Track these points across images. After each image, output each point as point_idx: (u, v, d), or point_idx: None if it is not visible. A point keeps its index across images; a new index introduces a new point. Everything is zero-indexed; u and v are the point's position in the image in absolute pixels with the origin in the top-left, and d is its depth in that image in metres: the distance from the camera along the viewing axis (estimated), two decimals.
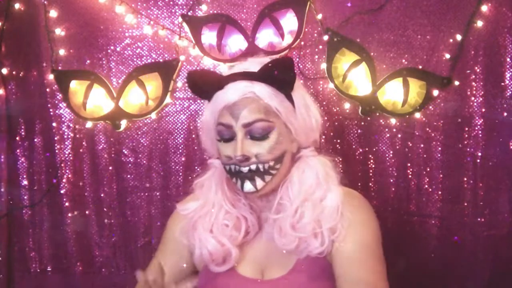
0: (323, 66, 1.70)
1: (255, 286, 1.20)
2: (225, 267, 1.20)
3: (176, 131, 1.78)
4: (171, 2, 1.74)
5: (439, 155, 1.72)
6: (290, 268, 1.19)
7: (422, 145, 1.72)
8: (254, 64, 1.19)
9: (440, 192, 1.72)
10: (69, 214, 1.81)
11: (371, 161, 1.74)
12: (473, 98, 1.69)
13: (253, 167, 1.14)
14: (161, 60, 1.75)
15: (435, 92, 1.67)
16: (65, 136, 1.80)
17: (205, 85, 1.19)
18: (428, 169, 1.72)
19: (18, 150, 1.82)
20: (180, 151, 1.78)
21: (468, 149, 1.71)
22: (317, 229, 1.15)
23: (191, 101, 1.76)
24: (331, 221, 1.15)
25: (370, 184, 1.73)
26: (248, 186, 1.15)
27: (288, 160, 1.19)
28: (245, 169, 1.14)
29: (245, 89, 1.14)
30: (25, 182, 1.83)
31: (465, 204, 1.71)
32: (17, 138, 1.82)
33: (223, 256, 1.19)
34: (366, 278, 1.11)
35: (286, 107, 1.16)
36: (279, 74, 1.14)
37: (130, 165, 1.80)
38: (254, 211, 1.24)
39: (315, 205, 1.16)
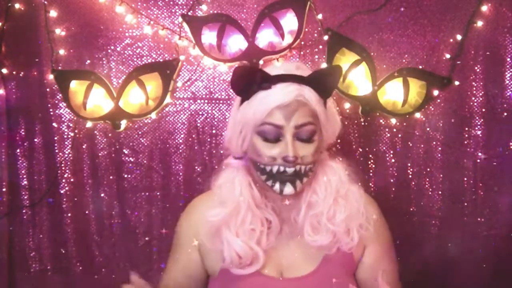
0: (323, 66, 1.70)
1: (283, 285, 1.21)
2: (251, 270, 1.20)
3: (176, 131, 1.78)
4: (171, 2, 1.74)
5: (439, 155, 1.72)
6: (318, 264, 1.22)
7: (422, 145, 1.72)
8: (291, 68, 1.20)
9: (440, 192, 1.73)
10: (69, 214, 1.81)
11: (371, 161, 1.74)
12: (473, 98, 1.70)
13: (298, 168, 1.15)
14: (161, 60, 1.75)
15: (435, 92, 1.67)
16: (65, 136, 1.79)
17: (250, 82, 1.16)
18: (428, 169, 1.72)
19: (18, 150, 1.81)
20: (180, 151, 1.78)
21: (468, 149, 1.71)
22: (348, 225, 1.22)
23: (191, 101, 1.76)
24: (358, 219, 1.23)
25: (370, 184, 1.73)
26: (288, 189, 1.16)
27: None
28: (290, 170, 1.14)
29: (296, 92, 1.14)
30: (25, 182, 1.82)
31: (465, 204, 1.72)
32: (17, 138, 1.81)
33: (251, 260, 1.20)
34: (392, 276, 1.28)
35: (325, 112, 1.19)
36: (328, 81, 1.18)
37: (130, 165, 1.79)
38: (275, 212, 1.25)
39: (344, 204, 1.22)
